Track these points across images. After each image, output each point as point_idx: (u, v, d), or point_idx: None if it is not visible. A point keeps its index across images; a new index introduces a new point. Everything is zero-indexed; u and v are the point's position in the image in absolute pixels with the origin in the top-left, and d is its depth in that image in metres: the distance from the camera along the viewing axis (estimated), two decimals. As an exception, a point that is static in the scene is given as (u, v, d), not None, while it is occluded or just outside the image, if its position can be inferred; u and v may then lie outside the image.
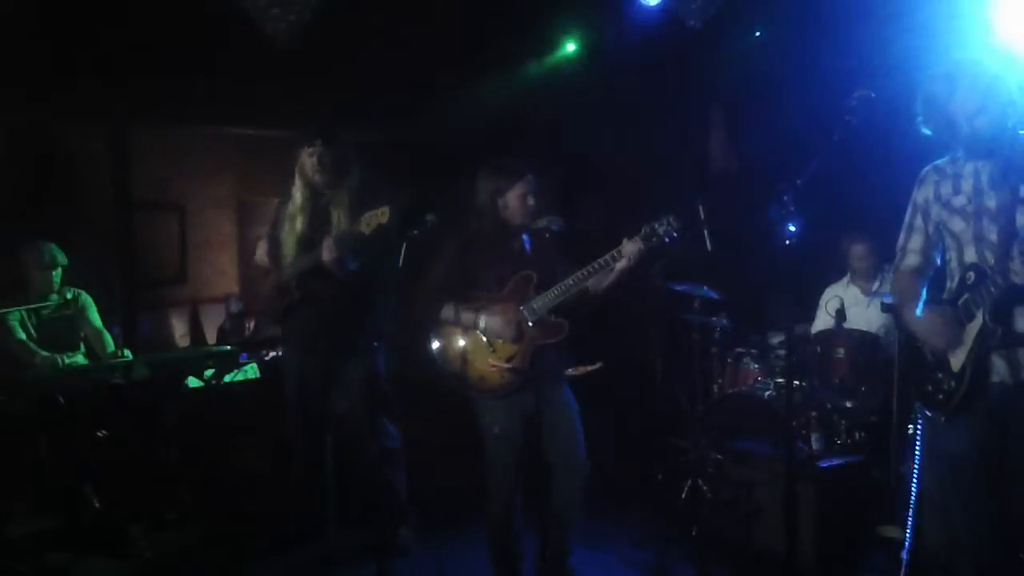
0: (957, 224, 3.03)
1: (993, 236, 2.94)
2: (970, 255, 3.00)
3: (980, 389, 2.96)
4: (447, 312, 3.78)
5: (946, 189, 3.07)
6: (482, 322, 3.72)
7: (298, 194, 4.36)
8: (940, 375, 3.06)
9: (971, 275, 2.96)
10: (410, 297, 3.94)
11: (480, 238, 3.82)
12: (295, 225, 4.36)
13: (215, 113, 6.60)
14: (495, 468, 3.81)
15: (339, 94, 6.38)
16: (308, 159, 4.28)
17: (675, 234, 3.59)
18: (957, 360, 3.00)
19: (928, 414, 3.13)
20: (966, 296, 2.96)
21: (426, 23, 6.00)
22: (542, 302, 3.71)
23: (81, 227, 5.96)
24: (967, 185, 3.01)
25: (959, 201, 3.02)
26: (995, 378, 2.95)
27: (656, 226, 3.59)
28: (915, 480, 3.69)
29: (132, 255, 6.83)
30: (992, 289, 2.89)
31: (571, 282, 3.66)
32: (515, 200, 3.74)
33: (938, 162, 3.13)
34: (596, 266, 3.64)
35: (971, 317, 2.95)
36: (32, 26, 5.27)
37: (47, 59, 5.50)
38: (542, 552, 3.91)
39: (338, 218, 4.24)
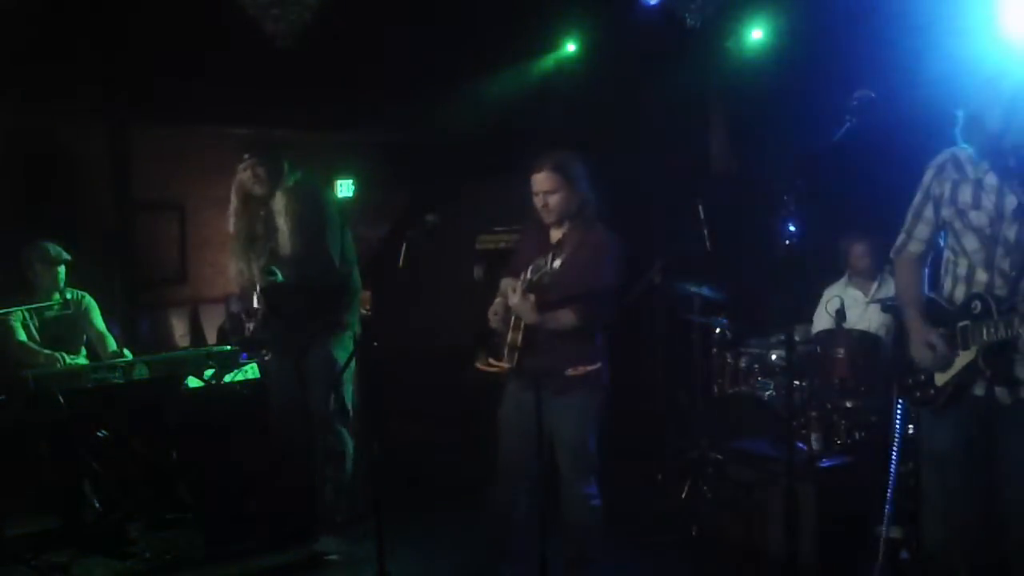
0: (971, 242, 2.96)
1: (1006, 266, 2.89)
2: (981, 279, 2.95)
3: (961, 401, 2.96)
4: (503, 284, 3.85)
5: (964, 196, 2.96)
6: (502, 284, 3.79)
7: (240, 209, 4.50)
8: (922, 377, 3.06)
9: (977, 305, 2.91)
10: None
11: (527, 227, 3.91)
12: (242, 241, 4.50)
13: (215, 113, 6.59)
14: (500, 449, 3.82)
15: (339, 94, 6.38)
16: (243, 174, 4.44)
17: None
18: (942, 377, 3.00)
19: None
20: (967, 323, 2.93)
21: (426, 23, 6.01)
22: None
23: (81, 227, 5.95)
24: (988, 202, 2.91)
25: (978, 219, 2.93)
26: (978, 391, 2.95)
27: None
28: (893, 471, 3.69)
29: (132, 255, 6.82)
30: (992, 332, 2.85)
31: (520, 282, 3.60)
32: (532, 195, 3.73)
33: (959, 153, 3.00)
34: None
35: (966, 347, 2.93)
36: (32, 26, 5.27)
37: (47, 60, 5.50)
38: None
39: (283, 223, 4.36)
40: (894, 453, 3.71)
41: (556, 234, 3.76)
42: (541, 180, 3.68)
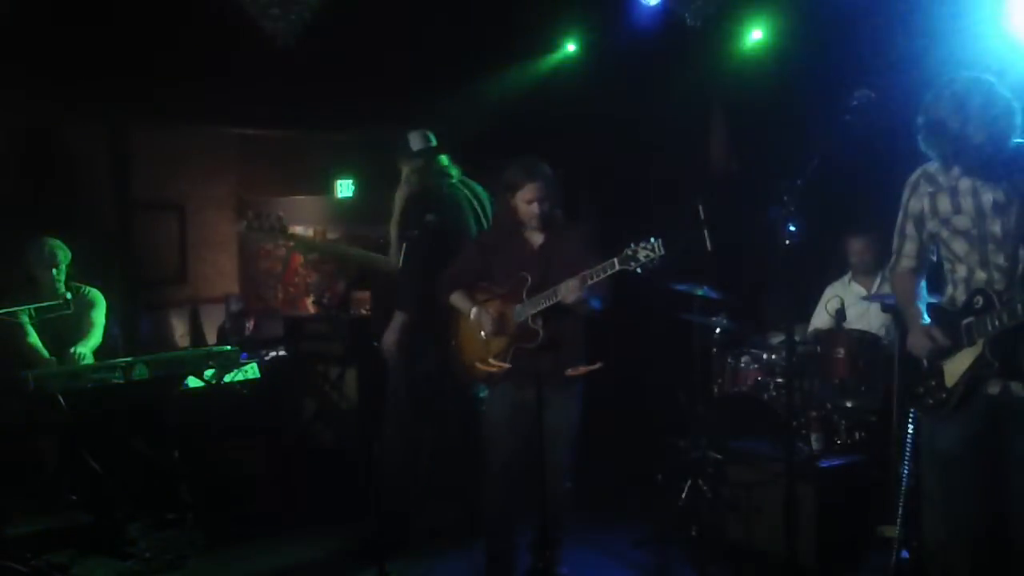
0: (960, 246, 2.99)
1: (1001, 260, 2.91)
2: (980, 277, 2.96)
3: (972, 402, 2.97)
4: (454, 299, 4.00)
5: (944, 205, 3.00)
6: (473, 312, 3.90)
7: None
8: (933, 383, 3.06)
9: (979, 300, 2.93)
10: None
11: (496, 234, 4.07)
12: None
13: (215, 113, 6.59)
14: (487, 451, 3.95)
15: (339, 94, 6.38)
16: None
17: (654, 263, 3.40)
18: (952, 377, 3.00)
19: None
20: (971, 320, 2.94)
21: (426, 23, 6.00)
22: (526, 307, 3.77)
23: (81, 227, 5.95)
24: (967, 204, 2.95)
25: (962, 223, 2.96)
26: (992, 390, 2.95)
27: (638, 249, 3.42)
28: (905, 476, 3.69)
29: (132, 255, 6.83)
30: (996, 323, 2.86)
31: (551, 293, 3.68)
32: (520, 202, 3.84)
33: (929, 168, 3.05)
34: (569, 285, 3.60)
35: (972, 343, 2.94)
36: (32, 26, 5.27)
37: (47, 59, 5.50)
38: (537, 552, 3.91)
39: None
40: (906, 457, 3.69)
41: (536, 239, 3.91)
42: (540, 188, 3.82)
